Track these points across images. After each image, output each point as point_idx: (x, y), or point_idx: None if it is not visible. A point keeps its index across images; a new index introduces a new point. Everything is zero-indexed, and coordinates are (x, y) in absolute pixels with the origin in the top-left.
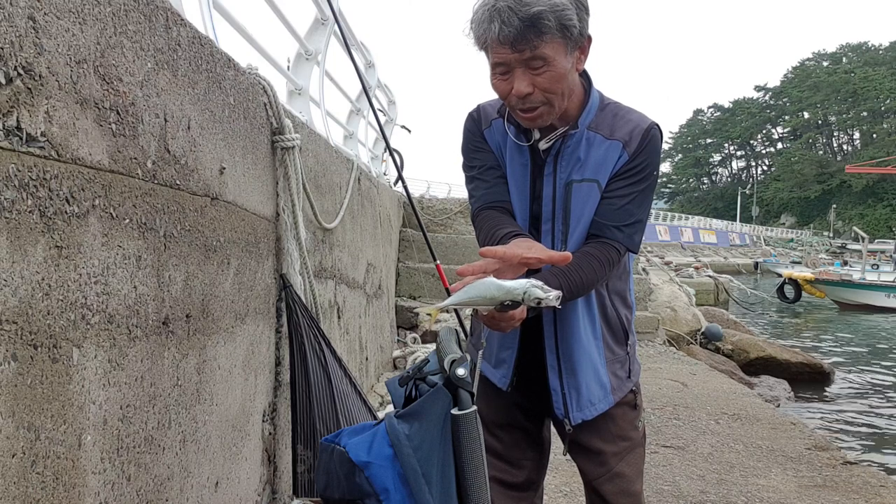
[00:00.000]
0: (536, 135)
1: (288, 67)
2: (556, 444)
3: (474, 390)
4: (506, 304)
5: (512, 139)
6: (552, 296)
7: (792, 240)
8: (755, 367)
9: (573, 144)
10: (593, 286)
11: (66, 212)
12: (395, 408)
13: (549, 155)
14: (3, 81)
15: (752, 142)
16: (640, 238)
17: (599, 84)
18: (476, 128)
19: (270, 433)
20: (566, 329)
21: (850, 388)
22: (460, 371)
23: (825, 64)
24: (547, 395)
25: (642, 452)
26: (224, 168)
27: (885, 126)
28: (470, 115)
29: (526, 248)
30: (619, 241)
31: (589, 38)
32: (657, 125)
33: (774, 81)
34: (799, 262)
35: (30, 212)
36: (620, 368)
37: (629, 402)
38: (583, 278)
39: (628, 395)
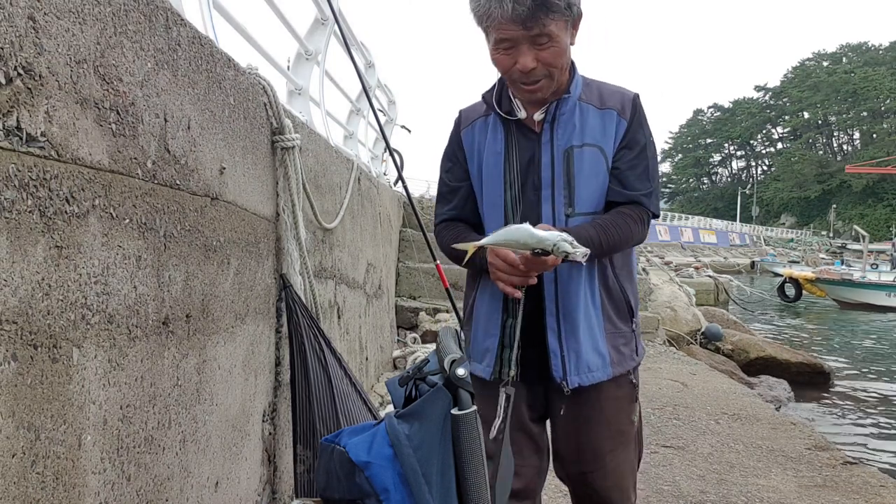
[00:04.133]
0: (522, 115)
1: (288, 67)
2: None
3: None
4: (537, 252)
5: (499, 124)
6: (579, 252)
7: (792, 240)
8: (755, 367)
9: (567, 112)
10: (628, 243)
11: (66, 212)
12: (395, 408)
13: (544, 123)
14: (3, 81)
15: (752, 142)
16: (658, 203)
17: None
18: (455, 130)
19: (270, 433)
20: (567, 292)
21: (850, 387)
22: (460, 371)
23: (825, 64)
24: (546, 361)
25: (635, 450)
26: (224, 168)
27: (885, 126)
28: (454, 120)
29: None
30: (645, 206)
31: (580, 15)
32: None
33: (774, 81)
34: (797, 262)
35: (30, 212)
36: (624, 345)
37: (627, 396)
38: (620, 233)
39: (628, 385)
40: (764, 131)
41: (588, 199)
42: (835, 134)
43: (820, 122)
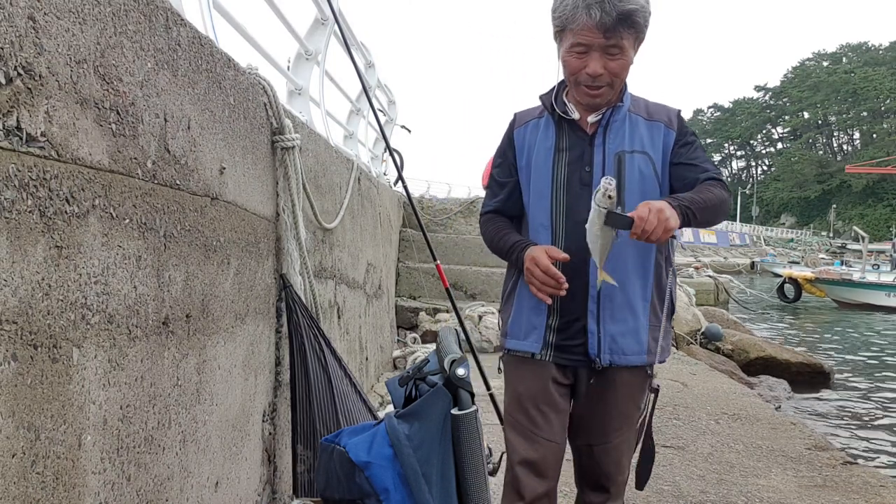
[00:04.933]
0: (575, 116)
1: (288, 67)
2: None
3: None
4: (607, 224)
5: (552, 123)
6: (602, 184)
7: (792, 240)
8: (755, 367)
9: (619, 120)
10: (722, 205)
11: (66, 212)
12: (395, 408)
13: (598, 127)
14: (3, 81)
15: (752, 142)
16: None
17: None
18: (509, 130)
19: (270, 433)
20: (623, 282)
21: (850, 387)
22: (460, 371)
23: (825, 64)
24: (579, 344)
25: (636, 433)
26: (224, 168)
27: (885, 126)
28: (509, 122)
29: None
30: (722, 180)
31: (644, 37)
32: None
33: (774, 81)
34: (797, 262)
35: (30, 212)
36: (663, 338)
37: (641, 384)
38: (713, 195)
39: (644, 375)
40: (764, 131)
41: (637, 200)
42: (835, 134)
43: (820, 122)
